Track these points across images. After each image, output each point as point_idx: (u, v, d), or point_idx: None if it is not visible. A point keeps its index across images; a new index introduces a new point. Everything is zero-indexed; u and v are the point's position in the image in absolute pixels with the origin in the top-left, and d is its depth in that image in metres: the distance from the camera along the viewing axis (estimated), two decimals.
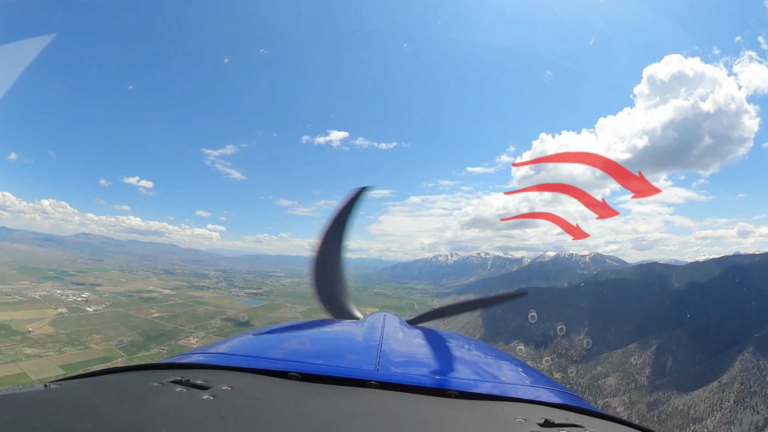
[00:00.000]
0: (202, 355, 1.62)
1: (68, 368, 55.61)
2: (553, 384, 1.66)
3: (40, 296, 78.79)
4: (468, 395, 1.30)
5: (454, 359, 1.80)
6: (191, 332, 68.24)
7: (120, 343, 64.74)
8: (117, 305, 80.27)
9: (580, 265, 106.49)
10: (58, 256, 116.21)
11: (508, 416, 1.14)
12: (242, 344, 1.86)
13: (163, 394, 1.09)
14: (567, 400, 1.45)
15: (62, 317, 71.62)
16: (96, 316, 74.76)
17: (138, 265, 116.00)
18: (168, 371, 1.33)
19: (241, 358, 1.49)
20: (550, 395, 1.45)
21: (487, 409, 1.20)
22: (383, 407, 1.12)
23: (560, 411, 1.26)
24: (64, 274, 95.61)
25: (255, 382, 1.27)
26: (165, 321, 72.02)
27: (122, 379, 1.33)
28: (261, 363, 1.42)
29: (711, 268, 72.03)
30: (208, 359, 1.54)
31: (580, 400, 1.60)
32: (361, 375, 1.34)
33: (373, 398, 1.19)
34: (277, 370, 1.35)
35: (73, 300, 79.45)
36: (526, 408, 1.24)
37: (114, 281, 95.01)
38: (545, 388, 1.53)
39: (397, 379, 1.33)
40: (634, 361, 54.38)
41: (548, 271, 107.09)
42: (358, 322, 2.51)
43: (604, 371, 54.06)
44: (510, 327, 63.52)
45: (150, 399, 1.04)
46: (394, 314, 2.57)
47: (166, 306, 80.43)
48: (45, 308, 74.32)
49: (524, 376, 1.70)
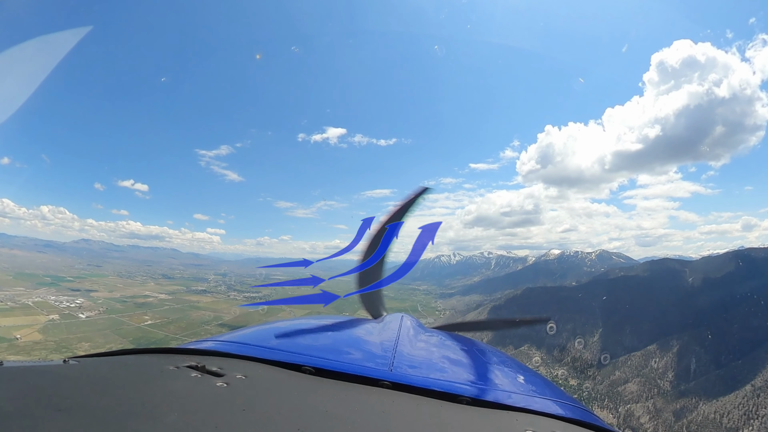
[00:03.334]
0: (218, 343, 1.64)
1: None
2: (567, 398, 1.62)
3: (32, 302, 75.34)
4: (479, 402, 1.27)
5: (467, 365, 1.78)
6: (183, 339, 63.88)
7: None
8: (110, 311, 76.44)
9: (586, 263, 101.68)
10: (56, 262, 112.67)
11: (518, 427, 1.11)
12: (258, 335, 1.89)
13: (178, 378, 1.10)
14: (579, 415, 1.41)
15: (53, 324, 68.11)
16: (88, 323, 71.05)
17: (137, 270, 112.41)
18: (184, 356, 1.35)
19: (257, 348, 1.49)
20: (562, 409, 1.42)
21: (498, 418, 1.18)
22: (395, 408, 1.11)
23: (571, 426, 1.23)
24: (61, 280, 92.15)
25: (269, 373, 1.28)
26: (157, 328, 67.93)
27: (139, 360, 1.36)
28: (276, 355, 1.43)
29: (724, 262, 67.42)
30: (224, 347, 1.56)
31: (593, 416, 1.56)
32: (374, 374, 1.34)
33: (385, 398, 1.18)
34: (291, 363, 1.36)
35: (66, 306, 75.84)
36: (537, 420, 1.21)
37: (110, 287, 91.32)
38: (558, 401, 1.49)
39: (410, 381, 1.32)
40: (655, 364, 49.37)
41: (554, 269, 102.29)
42: (375, 321, 2.38)
43: (624, 376, 49.09)
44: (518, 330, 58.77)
45: (165, 382, 1.06)
46: (412, 316, 2.44)
47: (160, 312, 76.41)
48: (36, 314, 71.02)
49: (538, 387, 1.65)
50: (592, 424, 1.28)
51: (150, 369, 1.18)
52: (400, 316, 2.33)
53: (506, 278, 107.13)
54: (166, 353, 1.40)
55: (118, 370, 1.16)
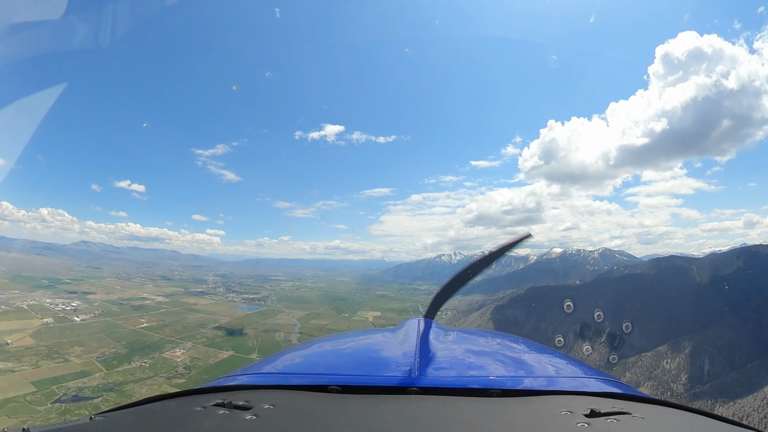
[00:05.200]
0: (243, 376, 1.63)
1: (41, 384, 49.74)
2: (597, 373, 1.59)
3: (27, 306, 73.18)
4: (510, 392, 1.26)
5: (492, 357, 1.75)
6: (178, 342, 61.72)
7: (101, 355, 58.55)
8: (106, 314, 74.24)
9: (589, 261, 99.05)
10: (55, 264, 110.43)
11: (552, 410, 1.10)
12: (281, 361, 1.89)
13: (207, 417, 1.08)
14: (613, 387, 1.40)
15: (46, 327, 65.80)
16: (82, 326, 68.74)
17: (136, 272, 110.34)
18: (210, 395, 1.33)
19: (281, 376, 1.51)
20: (594, 384, 1.40)
21: (531, 405, 1.17)
22: (425, 412, 1.10)
23: (606, 400, 1.21)
24: (58, 282, 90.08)
25: (296, 398, 1.27)
26: (152, 331, 65.63)
27: (166, 406, 1.34)
28: (301, 379, 1.43)
29: (732, 259, 64.92)
30: (249, 380, 1.57)
31: (626, 386, 1.54)
32: (400, 382, 1.32)
33: (415, 404, 1.16)
34: (317, 385, 1.35)
35: (62, 309, 73.65)
36: (570, 400, 1.20)
37: (108, 289, 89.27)
38: (589, 377, 1.47)
39: (437, 383, 1.31)
40: (667, 365, 46.77)
41: (557, 268, 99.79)
42: (392, 329, 2.35)
43: (635, 378, 46.50)
44: (524, 330, 56.27)
45: (194, 424, 1.05)
46: (427, 318, 2.43)
47: (156, 314, 74.24)
48: (30, 318, 68.83)
49: (566, 367, 1.64)
50: (626, 394, 1.27)
51: (177, 413, 1.16)
52: (417, 320, 2.24)
53: (508, 277, 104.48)
54: (191, 395, 1.37)
55: (146, 420, 1.14)
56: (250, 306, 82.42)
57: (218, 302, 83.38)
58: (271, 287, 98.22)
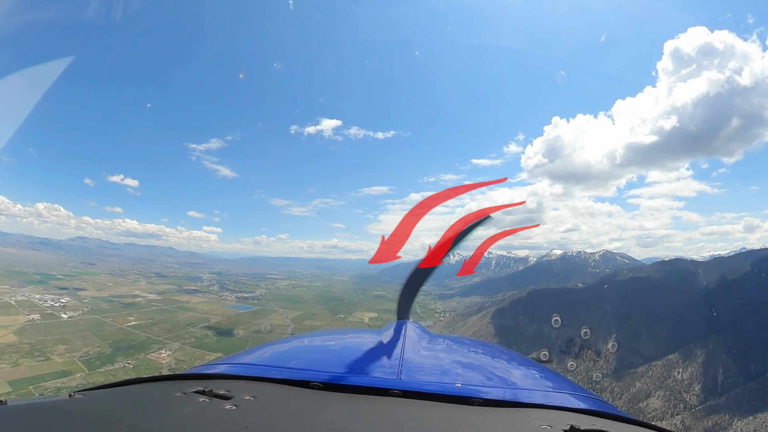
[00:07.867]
0: (224, 366, 1.60)
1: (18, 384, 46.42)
2: (579, 389, 1.59)
3: (15, 301, 69.79)
4: (492, 402, 1.26)
5: (476, 366, 1.75)
6: (165, 343, 58.20)
7: (85, 354, 55.08)
8: (95, 311, 70.80)
9: (590, 263, 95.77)
10: (49, 260, 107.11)
11: (532, 423, 1.09)
12: (264, 354, 1.85)
13: (186, 404, 1.07)
14: (593, 405, 1.40)
15: (32, 324, 62.36)
16: (69, 324, 65.28)
17: (130, 269, 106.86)
18: (191, 381, 1.32)
19: (264, 368, 1.48)
20: (575, 400, 1.40)
21: (511, 416, 1.17)
22: (406, 416, 1.09)
23: (586, 417, 1.21)
24: (50, 278, 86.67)
25: (277, 392, 1.26)
26: (140, 330, 62.16)
27: (146, 389, 1.33)
28: (283, 373, 1.41)
29: (739, 262, 61.96)
30: (231, 369, 1.53)
31: (607, 405, 1.53)
32: (383, 384, 1.31)
33: (396, 407, 1.16)
34: (299, 380, 1.34)
35: (50, 305, 70.26)
36: (551, 414, 1.20)
37: (100, 285, 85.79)
38: (571, 393, 1.47)
39: (420, 388, 1.30)
40: (679, 375, 43.33)
41: (557, 270, 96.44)
42: (379, 331, 2.34)
43: (645, 389, 43.06)
44: (526, 335, 52.81)
45: (173, 409, 1.03)
46: (416, 322, 2.41)
47: (146, 312, 70.78)
48: (16, 314, 65.42)
49: (548, 381, 1.64)
50: (606, 413, 1.26)
51: (157, 397, 1.15)
52: (404, 323, 2.24)
53: (507, 279, 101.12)
54: (172, 380, 1.35)
55: (126, 401, 1.13)
56: (243, 305, 78.94)
57: (211, 300, 79.96)
58: (266, 286, 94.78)
